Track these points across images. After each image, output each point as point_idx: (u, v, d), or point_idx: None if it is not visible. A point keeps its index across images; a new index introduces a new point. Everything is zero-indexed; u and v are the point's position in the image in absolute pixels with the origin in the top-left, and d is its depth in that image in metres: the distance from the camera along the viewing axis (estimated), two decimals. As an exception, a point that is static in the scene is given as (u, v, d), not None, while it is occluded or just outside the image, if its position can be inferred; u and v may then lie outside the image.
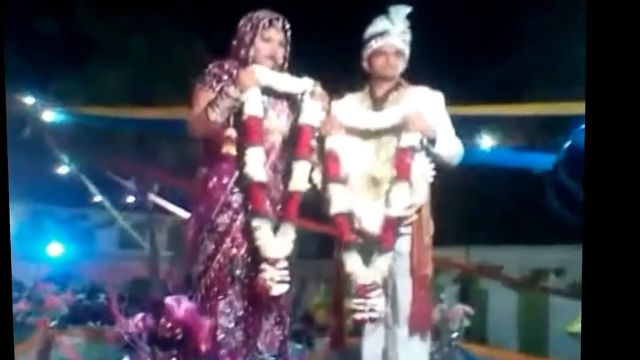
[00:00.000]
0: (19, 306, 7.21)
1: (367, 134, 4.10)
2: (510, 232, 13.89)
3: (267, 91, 3.93)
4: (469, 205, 13.96)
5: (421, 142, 3.98)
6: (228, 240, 3.83)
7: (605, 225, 2.02)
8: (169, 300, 3.36)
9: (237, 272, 3.81)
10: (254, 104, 3.82)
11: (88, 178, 14.09)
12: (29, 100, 10.43)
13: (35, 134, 11.15)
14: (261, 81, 3.86)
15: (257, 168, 3.79)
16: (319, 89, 4.02)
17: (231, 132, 3.80)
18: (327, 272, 4.06)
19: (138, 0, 13.79)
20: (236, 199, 3.87)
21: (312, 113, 3.98)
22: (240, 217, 3.86)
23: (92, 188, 14.51)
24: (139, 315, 3.38)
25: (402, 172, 3.92)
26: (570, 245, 11.42)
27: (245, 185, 3.83)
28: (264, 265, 3.72)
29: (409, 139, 3.94)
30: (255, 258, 3.79)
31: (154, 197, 14.66)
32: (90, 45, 14.10)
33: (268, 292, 3.71)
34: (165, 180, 13.60)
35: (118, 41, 13.96)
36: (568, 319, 7.33)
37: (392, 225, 3.91)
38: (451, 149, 4.11)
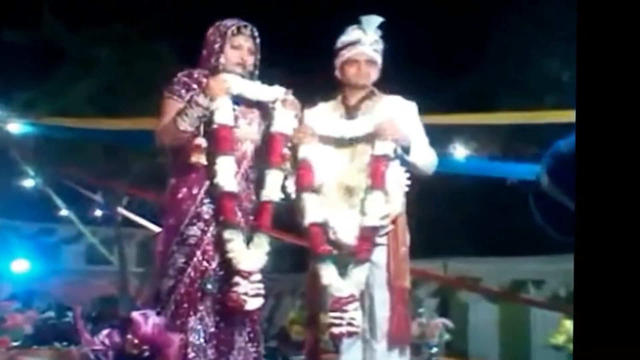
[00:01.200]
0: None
1: (340, 143, 4.01)
2: (487, 244, 13.82)
3: (238, 99, 3.83)
4: (445, 217, 13.89)
5: (395, 150, 3.90)
6: (199, 253, 3.71)
7: (597, 233, 1.94)
8: (135, 315, 3.22)
9: (209, 286, 3.68)
10: (224, 113, 3.72)
11: (54, 191, 13.90)
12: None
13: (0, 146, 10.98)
14: (231, 89, 3.77)
15: (228, 177, 3.68)
16: (290, 97, 3.93)
17: (201, 141, 3.69)
18: (303, 287, 3.94)
19: (105, 11, 13.66)
20: (206, 209, 3.75)
21: (284, 121, 3.89)
22: (211, 229, 3.73)
23: (59, 201, 14.33)
24: (105, 332, 3.23)
25: (376, 181, 3.83)
26: (549, 256, 11.41)
27: (216, 195, 3.71)
28: (237, 279, 3.59)
29: (383, 147, 3.86)
30: (228, 271, 3.66)
31: (122, 211, 14.49)
32: (57, 56, 13.93)
33: (242, 307, 3.59)
34: (134, 193, 13.42)
35: (85, 52, 13.79)
36: (550, 331, 7.26)
37: (367, 236, 3.81)
38: (425, 157, 4.04)
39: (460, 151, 9.07)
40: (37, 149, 12.47)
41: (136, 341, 3.15)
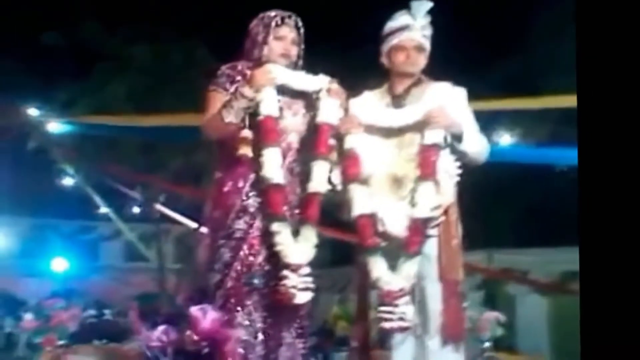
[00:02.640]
0: (25, 324, 7.02)
1: (388, 132, 3.90)
2: (534, 234, 13.52)
3: (283, 90, 3.75)
4: (490, 207, 13.61)
5: (445, 138, 3.78)
6: (245, 247, 3.64)
7: (602, 225, 1.95)
8: (194, 310, 3.12)
9: (256, 281, 3.61)
10: (269, 104, 3.65)
11: (93, 189, 13.99)
12: (33, 112, 10.34)
13: (40, 146, 11.08)
14: (276, 80, 3.69)
15: (275, 169, 3.61)
16: (335, 86, 3.83)
17: (247, 133, 3.62)
18: (343, 281, 3.85)
19: (140, 10, 13.73)
20: (253, 202, 3.68)
21: (329, 111, 3.79)
22: (258, 222, 3.66)
23: (98, 199, 14.42)
24: (162, 328, 3.14)
25: (427, 171, 3.71)
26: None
27: (262, 187, 3.64)
28: (285, 272, 3.52)
29: (433, 136, 3.74)
30: (275, 265, 3.59)
31: (160, 207, 14.52)
32: (94, 55, 14.05)
33: (291, 301, 3.51)
34: (171, 189, 13.45)
35: (121, 51, 13.88)
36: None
37: (418, 227, 3.69)
38: (476, 145, 3.91)
39: (505, 138, 8.91)
40: (76, 147, 12.55)
41: (196, 337, 3.05)
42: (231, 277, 3.59)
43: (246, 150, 3.61)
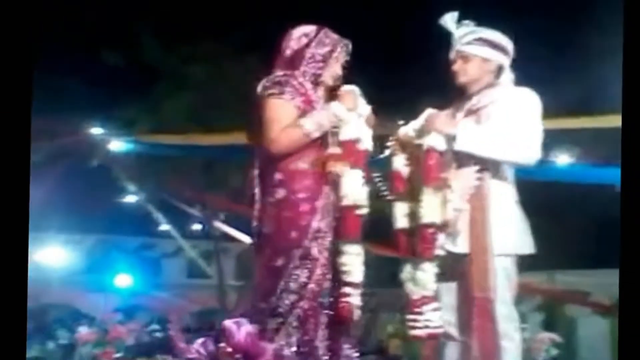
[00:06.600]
0: (82, 336, 7.17)
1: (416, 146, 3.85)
2: (596, 255, 13.29)
3: None
4: (550, 227, 13.42)
5: (446, 141, 3.69)
6: (319, 267, 3.64)
7: None
8: (228, 323, 3.14)
9: (325, 300, 3.67)
10: (355, 126, 3.72)
11: (155, 207, 14.19)
12: (96, 131, 10.51)
13: (102, 164, 11.25)
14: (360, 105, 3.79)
15: (357, 191, 3.66)
16: (370, 113, 3.86)
17: (337, 150, 3.68)
18: (402, 301, 3.84)
19: (199, 29, 13.91)
20: (326, 223, 3.68)
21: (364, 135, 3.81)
22: (327, 242, 3.68)
23: (159, 217, 14.62)
24: (200, 340, 3.19)
25: (427, 177, 3.67)
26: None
27: (341, 208, 3.68)
28: (348, 290, 3.61)
29: (430, 140, 3.69)
30: (337, 284, 3.66)
31: (220, 225, 14.64)
32: (153, 74, 14.26)
33: (352, 318, 3.62)
34: (231, 207, 13.55)
35: (180, 70, 14.08)
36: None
37: (423, 234, 3.64)
38: (513, 152, 3.74)
39: (565, 157, 8.78)
40: (137, 165, 12.73)
41: (229, 349, 3.07)
42: (307, 297, 3.59)
43: (337, 168, 3.64)
